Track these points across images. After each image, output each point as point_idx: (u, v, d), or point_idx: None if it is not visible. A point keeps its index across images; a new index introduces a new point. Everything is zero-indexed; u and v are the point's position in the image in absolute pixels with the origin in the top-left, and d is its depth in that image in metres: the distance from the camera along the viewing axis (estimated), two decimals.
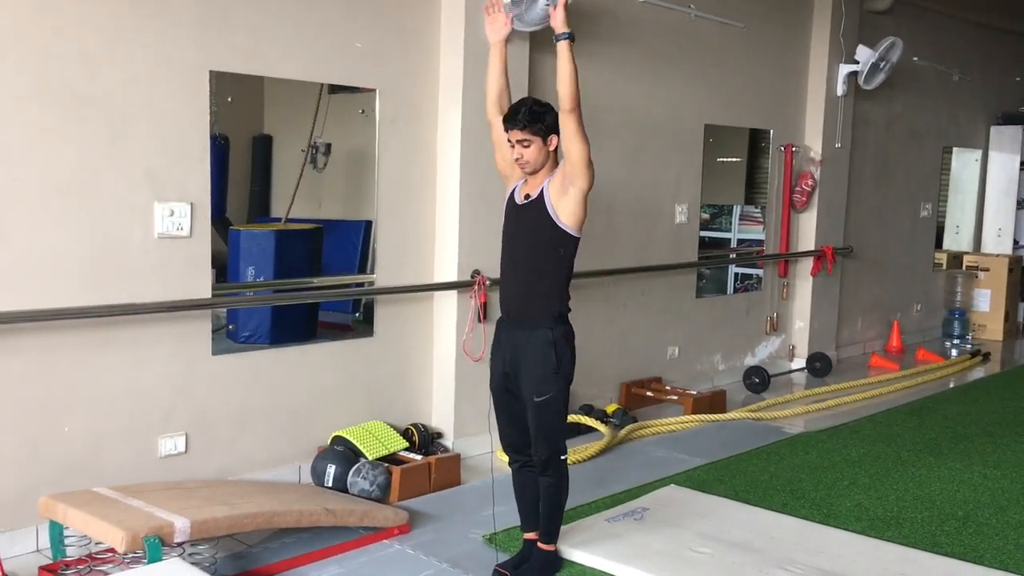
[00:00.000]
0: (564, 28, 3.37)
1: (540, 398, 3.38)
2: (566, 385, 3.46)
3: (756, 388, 6.80)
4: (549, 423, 3.43)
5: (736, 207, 7.57)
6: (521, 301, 3.46)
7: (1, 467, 3.61)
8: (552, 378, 3.38)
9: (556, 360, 3.38)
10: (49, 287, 3.66)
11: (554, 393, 3.39)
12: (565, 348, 3.42)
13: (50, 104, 3.61)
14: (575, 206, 3.40)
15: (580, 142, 3.32)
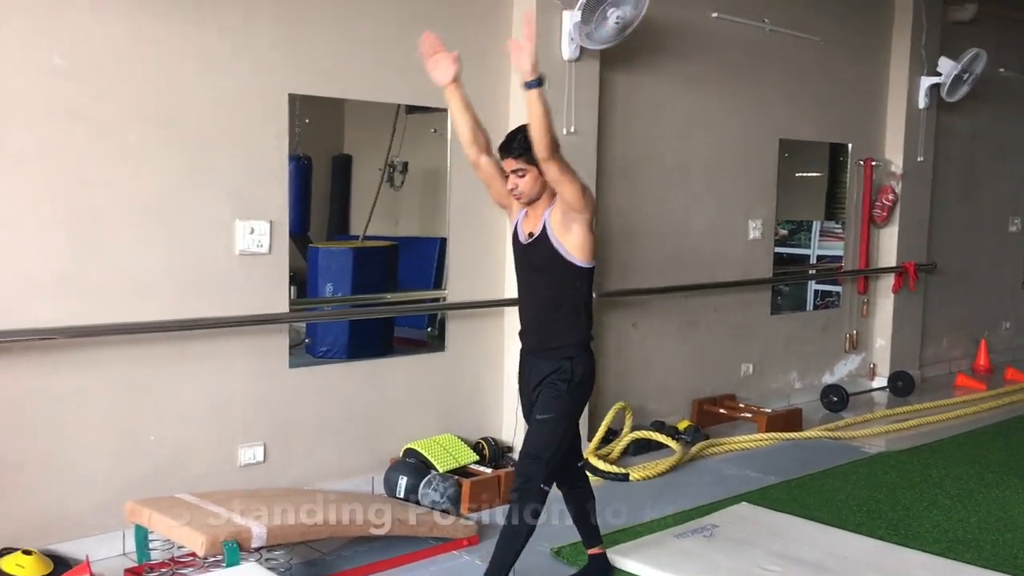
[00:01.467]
0: (533, 75, 3.08)
1: (542, 416, 3.30)
2: (569, 412, 3.33)
3: (834, 407, 6.67)
4: (535, 440, 3.28)
5: (816, 223, 7.45)
6: (539, 336, 3.39)
7: (91, 473, 3.80)
8: (555, 402, 3.28)
9: (565, 388, 3.29)
10: (137, 302, 3.84)
11: (555, 415, 3.27)
12: (575, 381, 3.31)
13: (139, 127, 3.80)
14: (582, 239, 3.27)
15: (568, 182, 3.17)
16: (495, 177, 3.43)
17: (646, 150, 5.73)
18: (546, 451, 3.27)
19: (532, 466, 3.26)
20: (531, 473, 3.25)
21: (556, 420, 3.28)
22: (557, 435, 3.29)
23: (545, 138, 3.08)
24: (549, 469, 3.27)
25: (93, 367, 3.77)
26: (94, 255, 3.73)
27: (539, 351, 3.38)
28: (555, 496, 4.20)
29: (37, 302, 3.60)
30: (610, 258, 5.57)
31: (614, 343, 5.67)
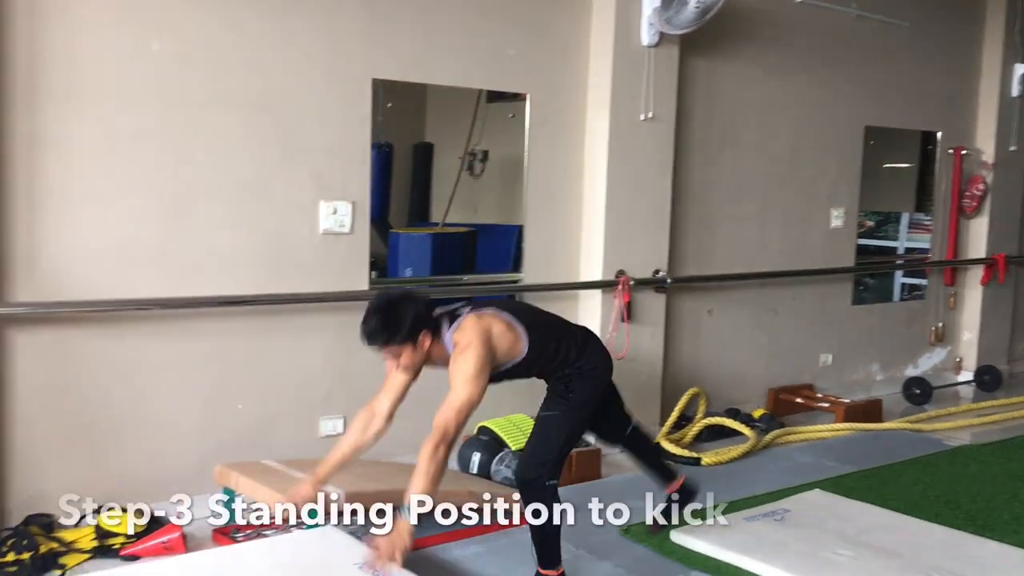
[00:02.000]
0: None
1: (544, 412, 3.31)
2: (573, 416, 3.28)
3: (917, 400, 6.54)
4: (538, 439, 3.26)
5: (904, 215, 7.29)
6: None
7: (184, 438, 4.02)
8: (559, 401, 3.29)
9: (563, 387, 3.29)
10: (228, 277, 4.04)
11: (555, 415, 3.26)
12: (579, 380, 3.30)
13: (231, 110, 3.99)
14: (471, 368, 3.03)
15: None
16: (407, 370, 3.22)
17: (726, 136, 5.72)
18: (541, 449, 3.22)
19: (528, 465, 3.22)
20: (531, 475, 3.19)
21: (557, 418, 3.26)
22: (557, 434, 3.24)
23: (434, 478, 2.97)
24: (550, 467, 3.20)
25: (187, 338, 3.98)
26: (189, 232, 3.94)
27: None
28: (626, 479, 4.25)
29: (137, 275, 3.83)
30: (687, 244, 5.57)
31: (689, 329, 5.68)
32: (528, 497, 3.18)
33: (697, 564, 3.57)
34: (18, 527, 3.61)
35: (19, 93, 3.53)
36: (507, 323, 3.11)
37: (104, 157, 3.73)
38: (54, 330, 3.70)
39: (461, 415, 2.94)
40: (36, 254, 3.62)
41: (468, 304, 3.19)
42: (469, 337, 2.98)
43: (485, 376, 3.00)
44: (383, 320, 2.96)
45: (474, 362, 2.95)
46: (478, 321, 3.03)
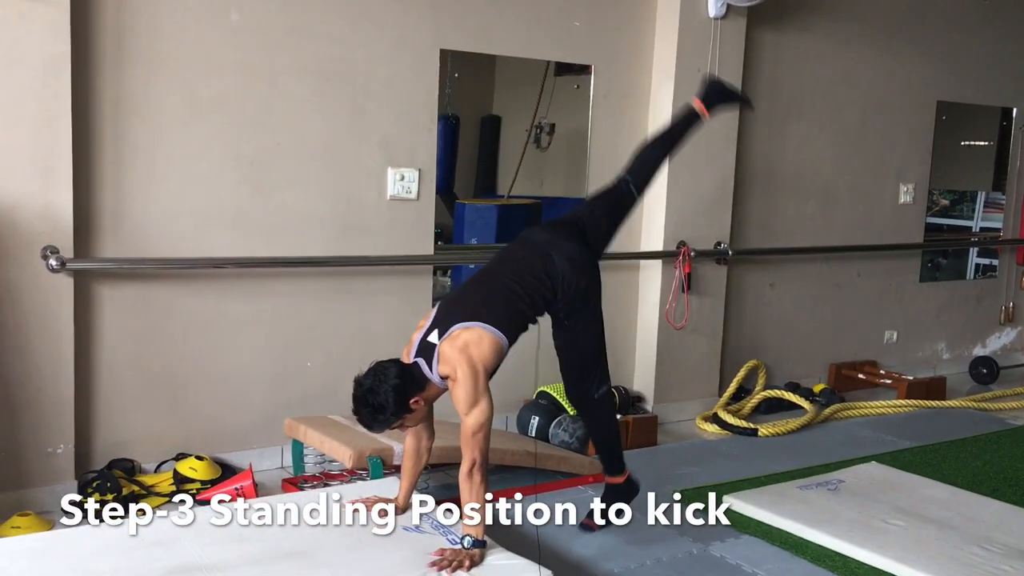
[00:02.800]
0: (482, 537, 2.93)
1: (558, 341, 3.47)
2: (586, 324, 3.44)
3: (983, 379, 6.45)
4: (567, 363, 3.49)
5: (981, 193, 7.13)
6: None
7: (256, 393, 4.21)
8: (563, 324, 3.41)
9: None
10: (300, 239, 4.20)
11: (570, 336, 3.43)
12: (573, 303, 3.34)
13: (305, 79, 4.14)
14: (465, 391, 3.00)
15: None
16: (419, 422, 3.19)
17: (791, 109, 5.68)
18: (586, 368, 3.46)
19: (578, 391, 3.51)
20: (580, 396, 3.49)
21: (573, 340, 3.43)
22: (587, 346, 3.46)
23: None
24: (597, 378, 3.49)
25: (260, 296, 4.17)
26: (264, 195, 4.11)
27: None
28: (682, 447, 4.26)
29: (215, 234, 4.01)
30: (750, 217, 5.58)
31: (750, 302, 5.69)
32: (585, 413, 3.48)
33: (747, 529, 3.64)
34: (102, 470, 3.84)
35: (108, 58, 3.72)
36: (479, 331, 3.02)
37: (185, 121, 3.91)
38: (137, 285, 3.91)
39: (479, 439, 2.95)
40: (121, 213, 3.82)
41: (434, 326, 3.09)
42: (453, 365, 2.97)
43: (485, 394, 3.01)
44: (370, 410, 2.96)
45: (467, 389, 2.95)
46: (452, 346, 2.98)
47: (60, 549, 2.88)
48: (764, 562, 3.37)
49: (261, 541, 2.95)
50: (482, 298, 3.14)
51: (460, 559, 2.86)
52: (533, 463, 4.01)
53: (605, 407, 3.50)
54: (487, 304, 3.11)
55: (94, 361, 3.85)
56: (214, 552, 2.86)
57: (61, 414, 3.71)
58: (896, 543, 3.45)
